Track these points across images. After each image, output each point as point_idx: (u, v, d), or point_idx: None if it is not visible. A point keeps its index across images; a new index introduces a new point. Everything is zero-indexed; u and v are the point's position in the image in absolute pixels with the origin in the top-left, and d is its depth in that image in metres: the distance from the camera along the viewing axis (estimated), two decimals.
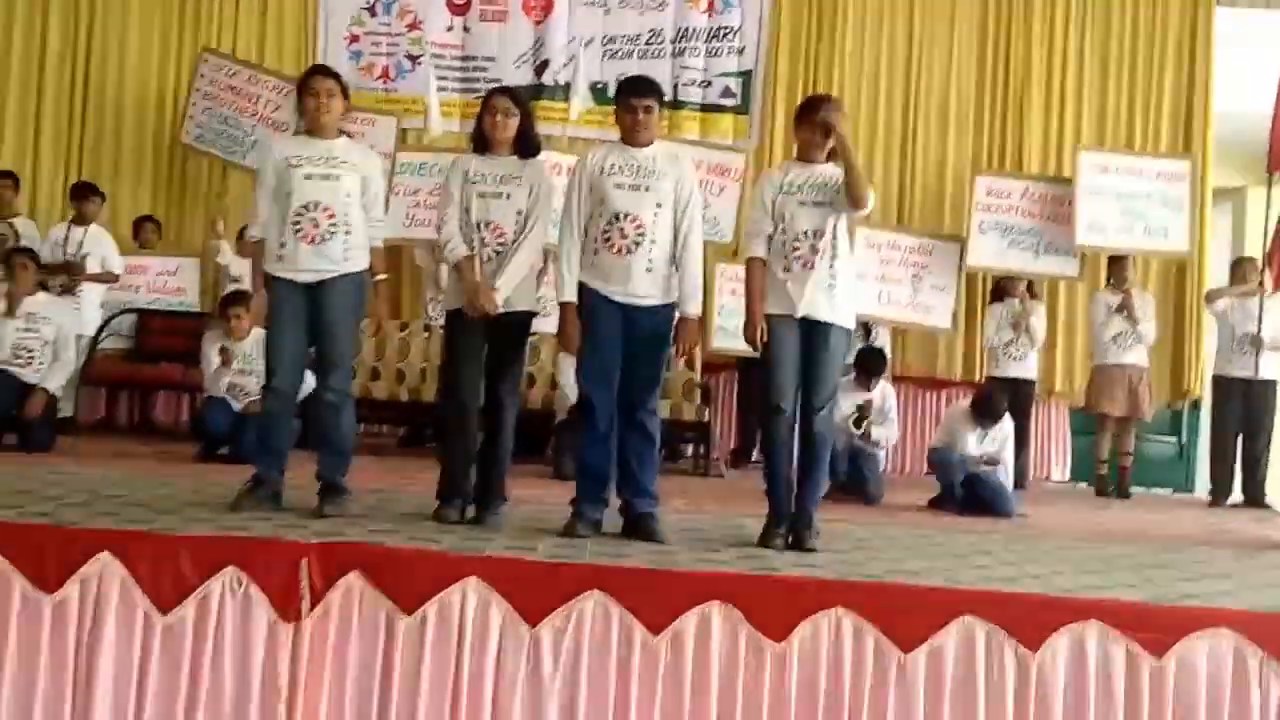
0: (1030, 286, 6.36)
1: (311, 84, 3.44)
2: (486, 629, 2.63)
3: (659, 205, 3.26)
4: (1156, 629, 2.60)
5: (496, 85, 4.19)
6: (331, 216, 3.35)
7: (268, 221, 3.42)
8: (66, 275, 5.72)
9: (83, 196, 6.02)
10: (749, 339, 3.34)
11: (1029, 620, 2.60)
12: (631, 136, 3.33)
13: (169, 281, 6.28)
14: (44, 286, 5.32)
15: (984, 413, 4.92)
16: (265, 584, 2.68)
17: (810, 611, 2.60)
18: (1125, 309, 6.01)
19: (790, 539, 3.28)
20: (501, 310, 3.35)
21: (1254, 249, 6.22)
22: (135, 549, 2.73)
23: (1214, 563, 3.68)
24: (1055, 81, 6.98)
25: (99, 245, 5.92)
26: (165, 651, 2.67)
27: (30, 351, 4.99)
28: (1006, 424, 5.00)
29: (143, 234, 6.54)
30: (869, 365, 5.20)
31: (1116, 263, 6.20)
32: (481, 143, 3.46)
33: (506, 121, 3.40)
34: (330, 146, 3.42)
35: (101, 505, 3.26)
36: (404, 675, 2.63)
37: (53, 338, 5.06)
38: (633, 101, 3.31)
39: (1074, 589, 2.85)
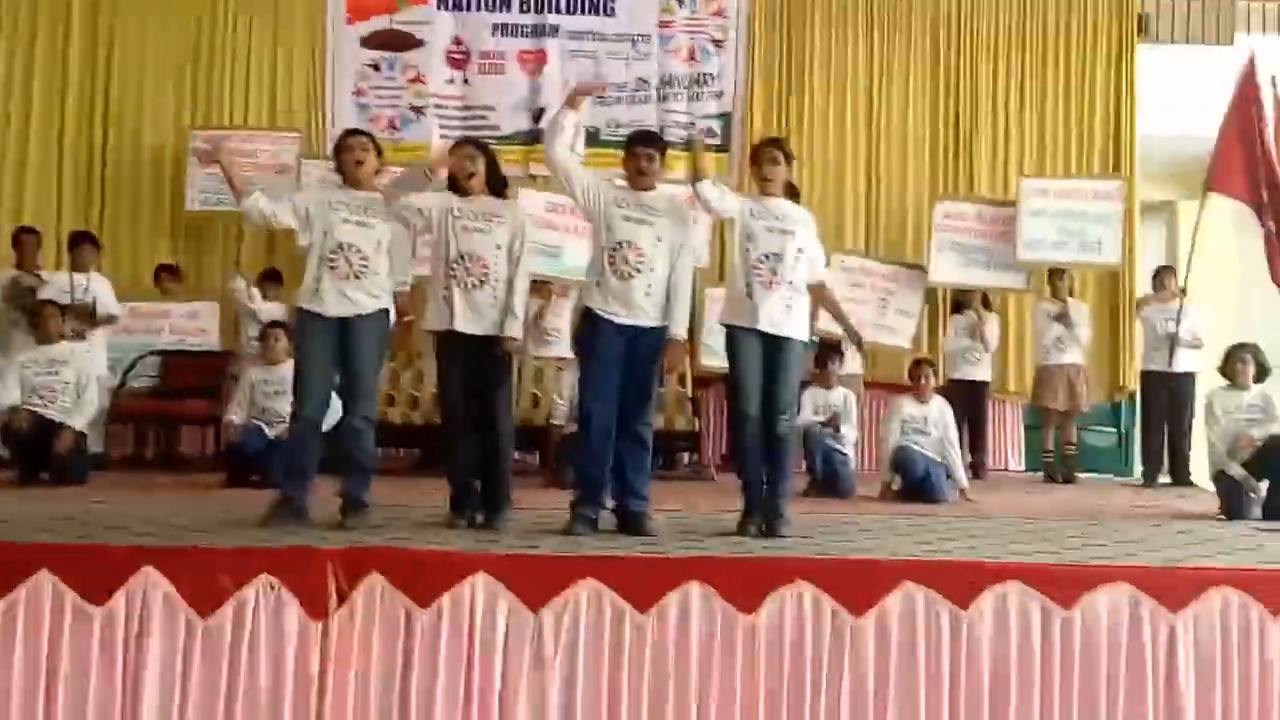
0: (985, 299, 6.93)
1: (347, 142, 3.80)
2: (494, 617, 2.94)
3: (658, 239, 3.62)
4: (1065, 585, 2.97)
5: (466, 136, 4.52)
6: (364, 259, 3.65)
7: (265, 204, 3.70)
8: (77, 320, 5.88)
9: (80, 244, 6.26)
10: None
11: (959, 583, 2.96)
12: (636, 181, 3.70)
13: (191, 323, 6.64)
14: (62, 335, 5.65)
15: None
16: (296, 587, 2.97)
17: (775, 586, 2.93)
18: (1062, 317, 6.56)
19: (764, 528, 3.60)
20: (482, 334, 3.67)
21: (1184, 258, 6.75)
22: (176, 562, 3.03)
23: (1128, 531, 4.09)
24: (1000, 114, 7.63)
25: (99, 290, 6.16)
26: (206, 653, 2.97)
27: (53, 391, 5.30)
28: (936, 409, 5.44)
29: (163, 281, 6.90)
30: (822, 359, 5.62)
31: (1054, 275, 6.78)
32: (453, 186, 3.77)
33: (473, 165, 3.72)
34: (366, 197, 3.74)
35: (141, 527, 3.56)
36: (423, 661, 2.93)
37: (74, 379, 5.34)
38: (639, 150, 3.70)
39: (1000, 556, 3.23)
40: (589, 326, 3.67)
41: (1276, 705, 2.99)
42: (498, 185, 3.81)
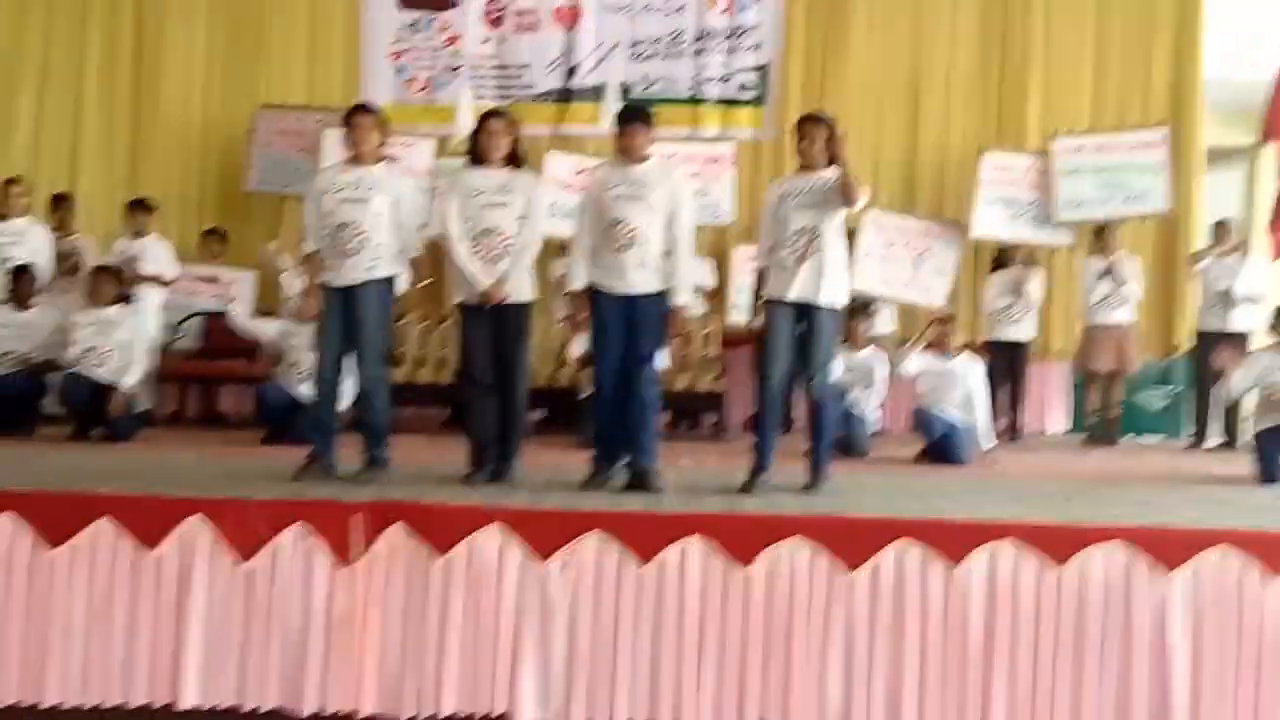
0: (1029, 254, 6.72)
1: (351, 119, 4.00)
2: (506, 566, 3.16)
3: (650, 211, 3.78)
4: (1059, 543, 3.02)
5: (493, 107, 4.61)
6: (360, 233, 3.89)
7: (316, 238, 4.01)
8: (123, 284, 6.15)
9: (135, 211, 6.70)
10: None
11: (952, 540, 3.06)
12: (624, 155, 3.87)
13: (230, 290, 6.94)
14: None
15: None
16: (325, 536, 3.24)
17: (772, 540, 3.09)
18: (1110, 273, 6.36)
19: (806, 485, 3.83)
20: (507, 301, 3.87)
21: (1261, 207, 6.54)
22: (220, 512, 3.31)
23: (1142, 493, 4.04)
24: (1053, 61, 7.30)
25: (154, 253, 6.58)
26: (247, 593, 3.26)
27: (106, 353, 5.56)
28: (962, 368, 5.35)
29: (209, 244, 7.19)
30: (852, 319, 5.62)
31: (1101, 231, 6.55)
32: (476, 158, 3.95)
33: (500, 141, 3.90)
34: (364, 173, 3.96)
35: (188, 480, 3.83)
36: (439, 605, 3.17)
37: (125, 340, 5.62)
38: (620, 128, 3.86)
39: (997, 516, 3.27)
40: (592, 299, 3.87)
41: (1274, 669, 2.95)
42: (518, 160, 3.98)
